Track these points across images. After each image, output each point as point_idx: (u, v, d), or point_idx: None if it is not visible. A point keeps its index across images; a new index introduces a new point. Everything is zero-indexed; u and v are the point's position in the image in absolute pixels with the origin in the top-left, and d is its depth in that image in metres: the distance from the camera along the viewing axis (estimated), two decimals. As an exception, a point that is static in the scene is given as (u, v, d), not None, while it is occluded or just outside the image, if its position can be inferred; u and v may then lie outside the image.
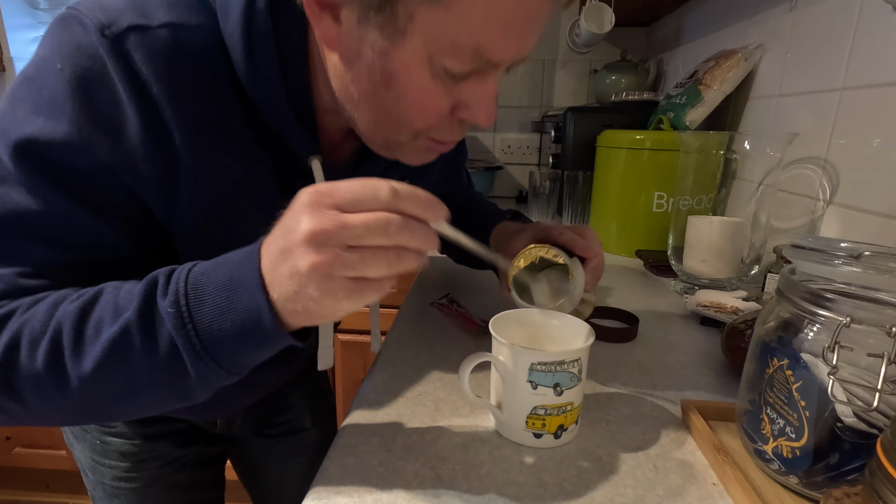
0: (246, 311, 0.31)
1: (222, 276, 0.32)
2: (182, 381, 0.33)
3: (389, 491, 0.37)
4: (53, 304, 0.34)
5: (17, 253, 0.36)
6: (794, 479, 0.36)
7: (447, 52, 0.36)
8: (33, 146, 0.35)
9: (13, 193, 0.35)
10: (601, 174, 1.06)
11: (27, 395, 0.34)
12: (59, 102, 0.35)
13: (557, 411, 0.41)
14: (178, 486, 0.64)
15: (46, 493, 1.60)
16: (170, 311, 0.32)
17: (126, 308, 0.33)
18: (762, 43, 0.91)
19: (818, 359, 0.33)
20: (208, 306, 0.32)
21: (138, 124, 0.36)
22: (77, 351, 0.33)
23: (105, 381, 0.33)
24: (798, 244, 0.40)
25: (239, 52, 0.38)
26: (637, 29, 1.59)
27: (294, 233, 0.30)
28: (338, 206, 0.30)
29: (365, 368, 1.34)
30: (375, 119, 0.41)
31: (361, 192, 0.30)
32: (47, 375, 0.33)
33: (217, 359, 0.33)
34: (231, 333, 0.32)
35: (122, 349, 0.32)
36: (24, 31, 1.86)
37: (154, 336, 0.32)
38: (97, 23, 0.35)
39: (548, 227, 0.57)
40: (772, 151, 0.72)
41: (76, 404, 0.34)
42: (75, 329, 0.33)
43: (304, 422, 0.75)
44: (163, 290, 0.33)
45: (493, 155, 1.78)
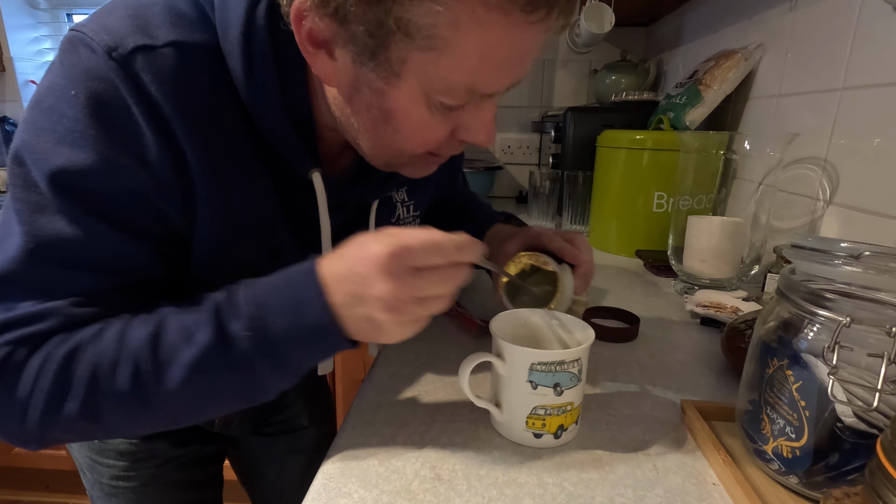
0: (314, 329, 0.36)
1: (287, 297, 0.37)
2: (255, 390, 0.39)
3: (389, 491, 0.37)
4: (119, 332, 0.37)
5: (63, 283, 0.38)
6: (794, 479, 0.36)
7: (442, 91, 0.37)
8: (65, 176, 0.36)
9: (56, 222, 0.36)
10: (601, 174, 1.06)
11: (110, 416, 0.37)
12: (81, 131, 0.35)
13: (557, 411, 0.41)
14: (175, 485, 0.64)
15: (46, 493, 1.60)
16: (245, 335, 0.36)
17: (196, 331, 0.36)
18: (762, 43, 0.91)
19: (818, 359, 0.33)
20: (280, 327, 0.36)
21: (155, 144, 0.37)
22: (157, 374, 0.36)
23: (186, 397, 0.37)
24: (798, 244, 0.40)
25: (239, 69, 0.39)
26: (637, 29, 1.59)
27: (371, 290, 0.34)
28: (413, 266, 0.35)
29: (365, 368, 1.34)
30: (376, 148, 0.43)
31: (429, 249, 0.35)
32: (132, 398, 0.36)
33: (289, 370, 0.38)
34: (302, 349, 0.37)
35: (204, 369, 0.36)
36: (24, 31, 1.86)
37: (231, 356, 0.36)
38: (104, 46, 0.36)
39: (539, 232, 0.58)
40: (772, 151, 0.72)
41: (158, 418, 0.38)
42: (151, 354, 0.36)
43: (302, 420, 0.76)
44: (228, 314, 0.37)
45: (493, 155, 1.77)
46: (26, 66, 1.87)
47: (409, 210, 0.60)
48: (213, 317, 0.37)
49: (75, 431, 0.38)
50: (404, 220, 0.60)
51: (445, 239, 0.36)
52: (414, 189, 0.59)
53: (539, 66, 1.68)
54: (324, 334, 0.36)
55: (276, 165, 0.44)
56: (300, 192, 0.46)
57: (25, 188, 0.37)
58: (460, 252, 0.36)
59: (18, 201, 0.37)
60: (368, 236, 0.37)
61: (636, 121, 1.15)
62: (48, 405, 0.36)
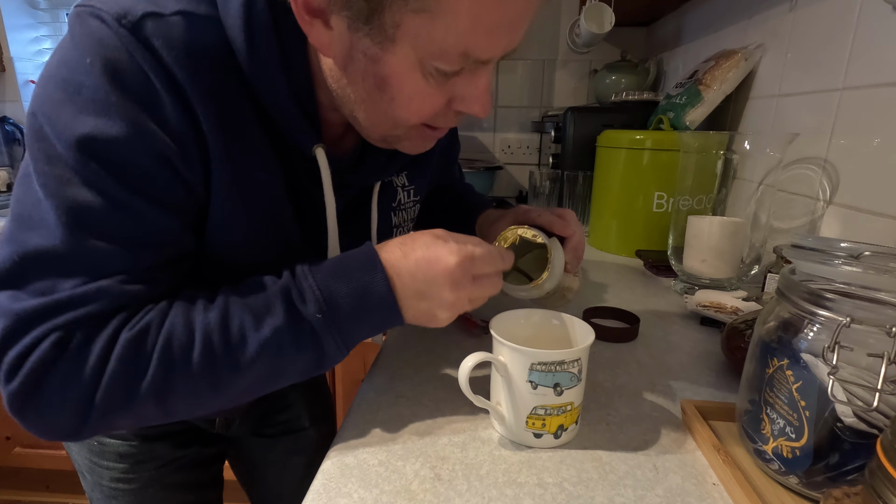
0: (379, 313, 0.41)
1: (354, 282, 0.41)
2: (316, 368, 0.42)
3: (389, 491, 0.37)
4: (184, 314, 0.39)
5: (105, 258, 0.36)
6: (794, 479, 0.36)
7: (436, 56, 0.36)
8: (93, 145, 0.35)
9: (86, 194, 0.35)
10: (601, 174, 1.06)
11: (178, 398, 0.38)
12: (103, 99, 0.35)
13: (557, 411, 0.41)
14: (176, 487, 0.64)
15: (46, 493, 1.60)
16: (318, 318, 0.39)
17: (266, 314, 0.39)
18: (762, 43, 0.91)
19: (818, 359, 0.33)
20: (345, 310, 0.40)
21: (175, 109, 0.36)
22: (229, 354, 0.38)
23: (256, 376, 0.40)
24: (798, 244, 0.40)
25: (241, 43, 0.38)
26: (637, 29, 1.59)
27: (441, 295, 0.41)
28: (474, 275, 0.42)
29: (365, 368, 1.34)
30: (372, 118, 0.42)
31: (490, 262, 0.43)
32: (202, 378, 0.38)
33: (350, 348, 0.42)
34: (365, 330, 0.42)
35: (274, 349, 0.39)
36: (24, 31, 1.86)
37: (301, 336, 0.39)
38: (113, 14, 0.35)
39: (528, 209, 0.59)
40: (772, 151, 0.72)
41: (224, 397, 0.40)
42: (222, 335, 0.38)
43: (302, 421, 0.75)
44: (298, 296, 0.40)
45: (493, 155, 1.77)
46: (26, 66, 1.87)
47: (410, 195, 0.60)
48: (283, 299, 0.40)
49: (135, 416, 0.38)
50: (405, 204, 0.60)
51: (496, 250, 0.44)
52: (414, 174, 0.60)
53: (539, 66, 1.68)
54: (386, 317, 0.41)
55: (279, 143, 0.43)
56: (304, 174, 0.46)
57: (49, 163, 0.35)
58: (504, 261, 0.45)
59: (44, 176, 0.35)
60: (433, 238, 0.42)
61: (636, 121, 1.15)
62: (117, 389, 0.36)
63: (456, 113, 0.43)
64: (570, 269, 0.55)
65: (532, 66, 1.68)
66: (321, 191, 0.47)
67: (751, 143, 0.76)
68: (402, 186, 0.59)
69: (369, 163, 0.51)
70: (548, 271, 0.51)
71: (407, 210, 0.60)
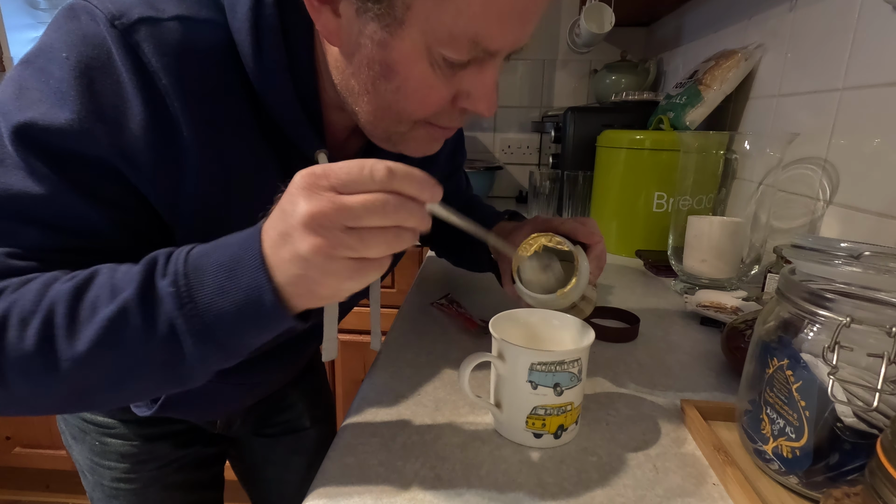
0: (247, 290, 0.31)
1: (223, 256, 0.32)
2: (179, 362, 0.33)
3: (389, 491, 0.37)
4: (44, 284, 0.34)
5: (9, 235, 0.36)
6: (794, 479, 0.36)
7: (445, 42, 0.36)
8: (32, 130, 0.35)
9: (10, 176, 0.35)
10: (601, 174, 1.06)
11: (14, 379, 0.32)
12: (63, 91, 0.35)
13: (557, 411, 0.41)
14: (177, 487, 0.64)
15: (46, 493, 1.60)
16: (170, 291, 0.32)
17: (124, 288, 0.32)
18: (762, 43, 0.91)
19: (818, 359, 0.33)
20: (209, 286, 0.32)
21: (142, 116, 0.36)
22: (71, 331, 0.32)
23: (99, 363, 0.32)
24: (798, 244, 0.40)
25: (247, 47, 0.38)
26: (637, 29, 1.59)
27: (292, 216, 0.30)
28: (334, 187, 0.29)
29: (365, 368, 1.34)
30: (376, 111, 0.41)
31: (358, 172, 0.29)
32: (38, 356, 0.32)
33: (217, 339, 0.32)
34: (232, 313, 0.32)
35: (120, 329, 0.32)
36: (24, 31, 1.86)
37: (153, 316, 0.32)
38: (108, 13, 0.35)
39: (548, 219, 0.57)
40: (772, 151, 0.72)
41: (66, 388, 0.33)
42: (69, 309, 0.32)
43: (303, 421, 0.75)
44: (162, 270, 0.33)
45: (493, 155, 1.77)
46: (26, 66, 1.87)
47: None
48: (144, 270, 0.33)
49: None
50: None
51: (372, 165, 0.30)
52: None
53: (539, 66, 1.68)
54: (258, 299, 0.31)
55: (280, 146, 0.43)
56: None
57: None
58: (396, 181, 0.30)
59: None
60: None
61: (636, 121, 1.15)
62: None
63: (461, 111, 0.42)
64: (593, 278, 0.53)
65: (532, 66, 1.68)
66: None
67: (751, 143, 0.76)
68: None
69: None
70: (575, 279, 0.48)
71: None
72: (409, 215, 0.31)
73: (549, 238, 0.50)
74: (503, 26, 0.36)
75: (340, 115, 0.46)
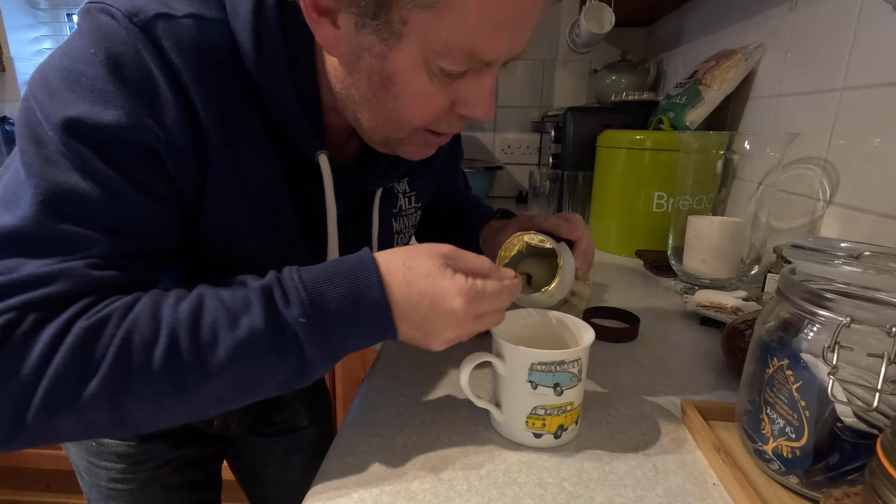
0: (371, 322, 0.37)
1: (344, 284, 0.37)
2: (297, 380, 0.37)
3: (389, 491, 0.37)
4: (152, 307, 0.34)
5: (78, 242, 0.34)
6: (794, 479, 0.36)
7: (441, 54, 0.37)
8: (82, 128, 0.34)
9: (69, 175, 0.34)
10: (601, 174, 1.06)
11: (134, 401, 0.33)
12: (101, 88, 0.34)
13: (557, 411, 0.41)
14: (174, 487, 0.64)
15: (46, 493, 1.60)
16: (301, 322, 0.35)
17: (242, 313, 0.35)
18: (762, 43, 0.91)
19: (818, 359, 0.33)
20: (337, 316, 0.36)
21: (175, 109, 0.36)
22: (197, 355, 0.34)
23: (227, 383, 0.35)
24: (798, 244, 0.40)
25: (249, 47, 0.39)
26: (637, 29, 1.59)
27: (436, 334, 0.39)
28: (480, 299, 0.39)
29: (365, 368, 1.34)
30: (376, 119, 0.42)
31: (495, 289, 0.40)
32: (165, 380, 0.33)
33: (335, 359, 0.37)
34: (355, 340, 0.37)
35: (250, 354, 0.34)
36: (24, 31, 1.86)
37: (282, 342, 0.35)
38: (125, 11, 0.35)
39: (531, 216, 0.58)
40: (772, 151, 0.72)
41: (186, 405, 0.35)
42: (191, 333, 0.34)
43: (301, 420, 0.75)
44: (282, 298, 0.36)
45: (493, 155, 1.77)
46: (26, 66, 1.87)
47: (411, 201, 0.60)
48: (262, 299, 0.35)
49: (83, 422, 0.32)
50: (406, 210, 0.60)
51: (506, 287, 0.40)
52: (415, 180, 0.60)
53: (539, 66, 1.68)
54: (378, 327, 0.37)
55: (283, 145, 0.44)
56: (307, 178, 0.46)
57: (37, 143, 0.34)
58: (512, 296, 0.41)
59: (27, 154, 0.34)
60: (439, 266, 0.38)
61: (636, 121, 1.15)
62: (64, 384, 0.31)
63: (459, 117, 0.43)
64: (581, 275, 0.53)
65: (532, 66, 1.68)
66: (323, 195, 0.47)
67: (751, 143, 0.76)
68: (403, 193, 0.59)
69: (371, 169, 0.51)
70: (558, 277, 0.48)
71: (408, 216, 0.60)
72: (500, 319, 0.42)
73: (530, 236, 0.50)
74: (498, 38, 0.37)
75: (339, 118, 0.46)
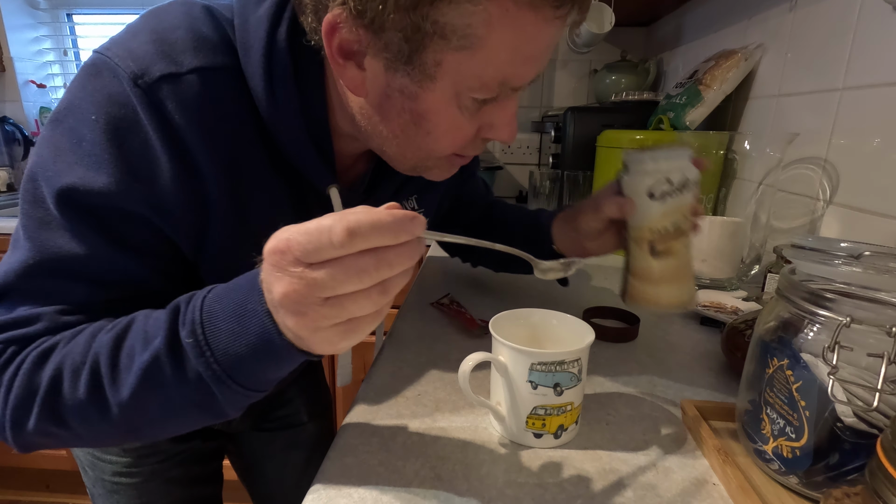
0: (258, 335, 0.32)
1: (233, 301, 0.33)
2: (212, 402, 0.34)
3: (389, 491, 0.37)
4: (91, 335, 0.36)
5: (60, 293, 0.38)
6: (794, 479, 0.36)
7: (475, 88, 0.37)
8: (75, 194, 0.36)
9: (58, 238, 0.37)
10: (601, 174, 1.06)
11: (74, 423, 0.35)
12: (98, 154, 0.36)
13: (557, 411, 0.41)
14: (176, 481, 0.65)
15: (46, 493, 1.60)
16: (189, 342, 0.33)
17: (154, 336, 0.34)
18: (762, 43, 0.91)
19: (818, 359, 0.33)
20: (223, 332, 0.32)
21: (171, 171, 0.38)
22: (114, 379, 0.34)
23: (143, 406, 0.35)
24: (798, 244, 0.40)
25: (261, 90, 0.39)
26: (637, 29, 1.59)
27: (272, 296, 0.30)
28: (300, 260, 0.28)
29: (365, 368, 1.34)
30: (405, 153, 0.43)
31: (317, 240, 0.27)
32: (90, 404, 0.34)
33: (238, 380, 0.33)
34: (247, 356, 0.32)
35: (156, 377, 0.34)
36: (24, 31, 1.86)
37: (181, 364, 0.33)
38: (130, 73, 0.36)
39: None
40: (772, 151, 0.72)
41: (119, 428, 0.36)
42: (111, 358, 0.34)
43: (301, 416, 0.76)
44: (182, 319, 0.34)
45: (493, 155, 1.77)
46: (26, 66, 1.87)
47: None
48: (169, 320, 0.34)
49: (51, 436, 0.36)
50: None
51: (329, 229, 0.27)
52: (423, 198, 0.60)
53: (539, 66, 1.68)
54: (269, 342, 0.31)
55: (293, 181, 0.44)
56: (316, 208, 0.46)
57: (34, 204, 0.38)
58: (360, 240, 0.27)
59: (26, 216, 0.38)
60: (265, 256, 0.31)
61: (636, 121, 1.15)
62: (18, 408, 0.35)
63: (483, 140, 0.44)
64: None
65: (532, 66, 1.68)
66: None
67: (751, 143, 0.76)
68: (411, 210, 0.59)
69: (380, 190, 0.52)
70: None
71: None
72: (390, 268, 0.28)
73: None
74: (528, 67, 0.38)
75: (349, 144, 0.47)
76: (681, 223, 0.48)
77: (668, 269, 0.50)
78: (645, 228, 0.49)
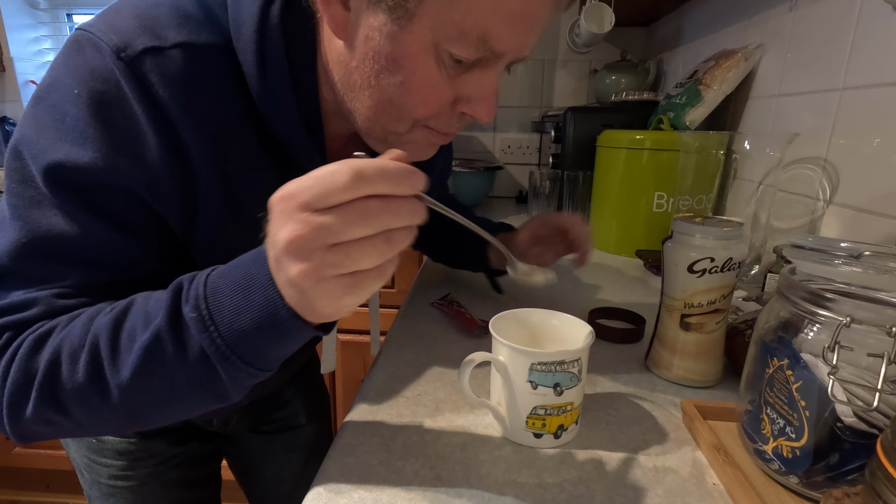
0: (263, 307, 0.31)
1: (237, 276, 0.32)
2: (216, 382, 0.34)
3: (389, 491, 0.37)
4: (89, 318, 0.35)
5: (56, 275, 0.37)
6: (794, 479, 0.36)
7: (453, 37, 0.36)
8: (62, 171, 0.36)
9: (50, 217, 0.36)
10: (601, 174, 1.06)
11: (74, 408, 0.34)
12: (82, 129, 0.36)
13: (557, 411, 0.41)
14: (173, 484, 0.64)
15: (46, 493, 1.60)
16: (192, 316, 0.32)
17: (156, 315, 0.33)
18: (762, 43, 0.91)
19: (818, 359, 0.33)
20: (227, 307, 0.32)
21: (157, 146, 0.37)
22: (114, 361, 0.33)
23: (144, 388, 0.34)
24: (798, 244, 0.40)
25: (252, 68, 0.39)
26: (637, 29, 1.59)
27: (276, 244, 0.29)
28: (308, 205, 0.28)
29: (365, 368, 1.34)
30: (376, 106, 0.41)
31: (324, 184, 0.28)
32: (90, 387, 0.34)
33: (243, 357, 0.33)
34: (252, 331, 0.32)
35: (157, 356, 0.33)
36: (24, 31, 1.86)
37: (183, 341, 0.33)
38: (112, 46, 0.36)
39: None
40: (772, 151, 0.72)
41: (120, 413, 0.35)
42: (111, 340, 0.34)
43: (299, 418, 0.76)
44: (185, 296, 0.33)
45: (493, 155, 1.77)
46: (26, 66, 1.87)
47: None
48: (171, 297, 0.34)
49: (50, 424, 0.35)
50: None
51: (333, 172, 0.27)
52: None
53: (539, 66, 1.68)
54: (273, 315, 0.31)
55: (282, 161, 0.44)
56: None
57: (22, 183, 0.37)
58: (367, 183, 0.28)
59: (14, 196, 0.37)
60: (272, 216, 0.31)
61: (636, 121, 1.15)
62: (15, 395, 0.34)
63: (460, 115, 0.43)
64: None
65: (532, 66, 1.68)
66: None
67: (751, 143, 0.76)
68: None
69: None
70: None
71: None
72: (395, 216, 0.29)
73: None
74: (511, 27, 0.37)
75: (338, 124, 0.46)
76: (717, 302, 0.49)
77: (696, 345, 0.50)
78: (679, 300, 0.50)
